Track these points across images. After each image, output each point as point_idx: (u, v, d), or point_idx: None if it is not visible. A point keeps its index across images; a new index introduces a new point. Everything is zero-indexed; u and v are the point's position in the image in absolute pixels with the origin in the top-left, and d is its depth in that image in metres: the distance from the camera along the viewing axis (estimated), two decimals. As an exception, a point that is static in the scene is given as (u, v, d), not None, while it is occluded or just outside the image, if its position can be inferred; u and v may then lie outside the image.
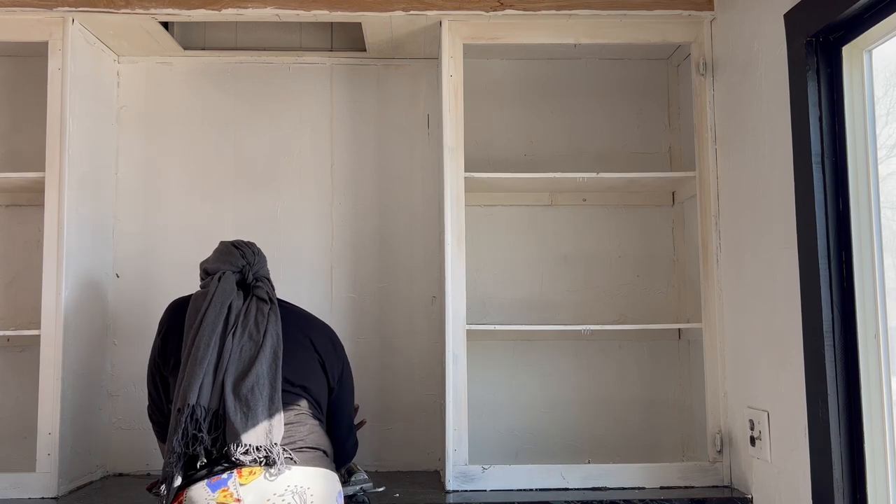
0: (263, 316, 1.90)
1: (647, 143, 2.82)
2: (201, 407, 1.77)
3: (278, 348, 1.88)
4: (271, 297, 1.97)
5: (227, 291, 1.92)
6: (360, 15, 2.45)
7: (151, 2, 2.43)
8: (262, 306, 1.93)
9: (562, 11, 2.46)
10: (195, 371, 1.79)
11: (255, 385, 1.80)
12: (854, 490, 1.81)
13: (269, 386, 1.82)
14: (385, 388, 2.72)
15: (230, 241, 2.09)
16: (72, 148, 2.42)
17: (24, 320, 2.62)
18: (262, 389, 1.81)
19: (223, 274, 1.97)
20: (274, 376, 1.84)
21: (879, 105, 1.84)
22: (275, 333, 1.89)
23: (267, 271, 2.10)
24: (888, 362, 1.78)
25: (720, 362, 2.40)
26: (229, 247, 2.05)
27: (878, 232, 1.80)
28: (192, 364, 1.80)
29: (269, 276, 2.09)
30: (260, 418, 1.77)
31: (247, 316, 1.90)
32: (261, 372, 1.82)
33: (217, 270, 1.99)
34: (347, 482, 2.27)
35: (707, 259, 2.44)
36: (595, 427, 2.72)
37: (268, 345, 1.86)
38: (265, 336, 1.87)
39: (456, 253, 2.41)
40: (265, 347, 1.86)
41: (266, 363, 1.84)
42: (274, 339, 1.88)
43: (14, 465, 2.49)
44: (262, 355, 1.84)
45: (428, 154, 2.78)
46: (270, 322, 1.90)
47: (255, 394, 1.79)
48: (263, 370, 1.83)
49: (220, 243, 2.09)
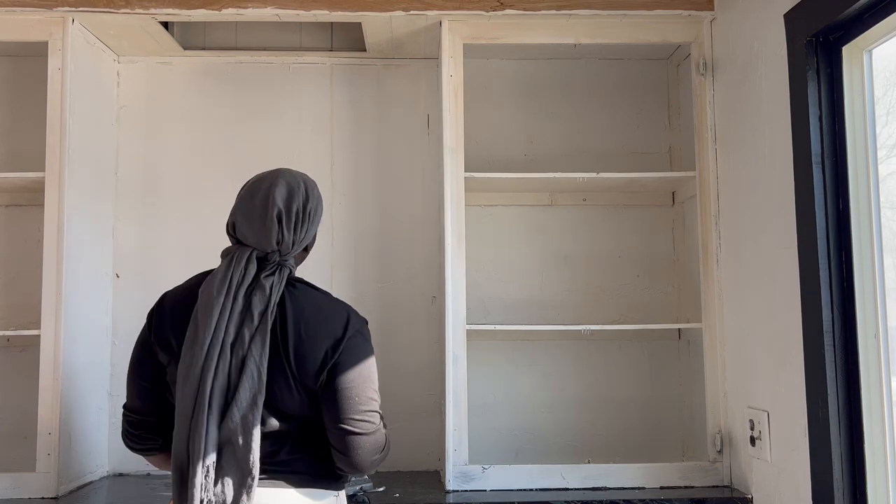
0: (243, 344, 1.58)
1: (647, 143, 2.82)
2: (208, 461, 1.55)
3: (258, 392, 1.57)
4: (266, 310, 1.61)
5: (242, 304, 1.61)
6: (360, 15, 2.45)
7: (151, 2, 2.43)
8: (247, 325, 1.59)
9: (562, 11, 2.46)
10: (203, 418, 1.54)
11: (228, 442, 1.55)
12: (854, 490, 1.81)
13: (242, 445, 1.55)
14: (385, 388, 2.67)
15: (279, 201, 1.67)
16: (72, 148, 2.42)
17: (24, 320, 2.62)
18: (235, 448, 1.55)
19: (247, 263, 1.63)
20: (249, 431, 1.55)
21: (879, 105, 1.84)
22: (255, 369, 1.57)
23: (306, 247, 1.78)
24: (888, 362, 1.78)
25: (720, 362, 2.40)
26: (273, 217, 1.65)
27: (878, 232, 1.80)
28: (200, 407, 1.55)
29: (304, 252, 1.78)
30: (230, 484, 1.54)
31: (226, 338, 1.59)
32: (233, 426, 1.55)
33: (245, 239, 1.67)
34: (347, 482, 2.27)
35: (707, 259, 2.44)
36: (595, 427, 2.72)
37: (244, 387, 1.56)
38: (242, 374, 1.56)
39: (456, 253, 2.41)
40: (241, 392, 1.55)
41: (239, 413, 1.55)
42: (253, 377, 1.56)
43: (14, 465, 2.49)
44: (238, 402, 1.55)
45: (428, 154, 2.78)
46: (252, 352, 1.57)
47: (225, 454, 1.55)
48: (236, 423, 1.55)
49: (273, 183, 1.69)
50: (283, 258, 1.67)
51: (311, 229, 1.74)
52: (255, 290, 1.62)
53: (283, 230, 1.67)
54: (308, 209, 1.71)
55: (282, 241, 1.67)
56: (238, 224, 1.69)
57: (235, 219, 1.70)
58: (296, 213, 1.69)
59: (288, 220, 1.67)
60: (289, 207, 1.68)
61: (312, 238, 1.80)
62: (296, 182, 1.72)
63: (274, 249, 1.66)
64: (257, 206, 1.67)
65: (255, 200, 1.68)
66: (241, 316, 1.60)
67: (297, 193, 1.70)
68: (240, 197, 1.72)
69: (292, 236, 1.68)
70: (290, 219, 1.68)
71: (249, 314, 1.60)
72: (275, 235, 1.66)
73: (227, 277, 1.62)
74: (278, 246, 1.67)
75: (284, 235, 1.67)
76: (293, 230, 1.68)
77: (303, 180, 1.74)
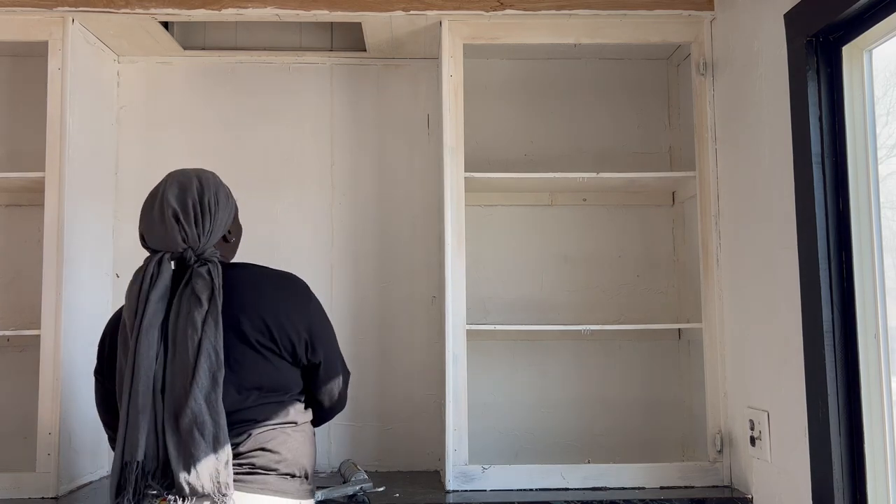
0: (195, 329, 1.60)
1: (647, 143, 2.82)
2: (148, 460, 1.58)
3: (217, 370, 1.60)
4: (213, 292, 1.64)
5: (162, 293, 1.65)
6: (360, 15, 2.45)
7: (151, 2, 2.43)
8: (196, 310, 1.61)
9: (562, 11, 2.46)
10: (138, 421, 1.58)
11: (194, 424, 1.56)
12: (854, 490, 1.81)
13: (210, 423, 1.57)
14: (385, 388, 2.72)
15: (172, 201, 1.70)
16: (72, 148, 2.42)
17: (24, 320, 2.62)
18: (203, 428, 1.57)
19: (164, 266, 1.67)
20: (214, 408, 1.58)
21: (879, 105, 1.84)
22: (211, 349, 1.60)
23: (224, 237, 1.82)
24: (888, 362, 1.78)
25: (720, 362, 2.40)
26: (170, 218, 1.69)
27: (878, 232, 1.80)
28: (133, 411, 1.58)
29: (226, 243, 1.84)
30: (203, 464, 1.55)
31: (176, 328, 1.62)
32: (197, 407, 1.57)
33: (153, 247, 1.72)
34: (347, 482, 2.27)
35: (707, 259, 2.44)
36: (595, 427, 2.72)
37: (202, 368, 1.58)
38: (198, 356, 1.58)
39: (456, 253, 2.41)
40: (199, 373, 1.58)
41: (202, 393, 1.57)
42: (211, 357, 1.59)
43: (14, 465, 2.49)
44: (197, 384, 1.57)
45: (428, 154, 2.78)
46: (206, 334, 1.60)
47: (194, 436, 1.56)
48: (200, 404, 1.57)
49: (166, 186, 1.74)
50: (198, 254, 1.70)
51: (217, 220, 1.75)
52: (194, 279, 1.65)
53: (184, 227, 1.70)
54: (205, 201, 1.73)
55: (187, 237, 1.70)
56: (145, 234, 1.75)
57: (141, 229, 1.76)
58: (192, 207, 1.71)
59: (186, 216, 1.70)
60: (183, 204, 1.71)
61: (229, 227, 1.82)
62: (187, 178, 1.75)
63: (184, 248, 1.70)
64: (155, 211, 1.72)
65: (153, 206, 1.73)
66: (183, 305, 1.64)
67: (190, 189, 1.73)
68: (142, 208, 1.77)
69: (195, 230, 1.71)
70: (189, 214, 1.71)
71: (196, 300, 1.63)
72: (178, 234, 1.69)
73: (139, 279, 1.67)
74: (185, 244, 1.70)
75: (187, 232, 1.70)
76: (193, 224, 1.71)
77: (195, 175, 1.77)
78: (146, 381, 1.59)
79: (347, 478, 2.31)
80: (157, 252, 1.70)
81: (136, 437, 1.57)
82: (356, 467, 2.34)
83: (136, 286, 1.66)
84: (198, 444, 1.56)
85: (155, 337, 1.61)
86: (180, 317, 1.62)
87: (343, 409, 1.94)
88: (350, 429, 2.68)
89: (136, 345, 1.60)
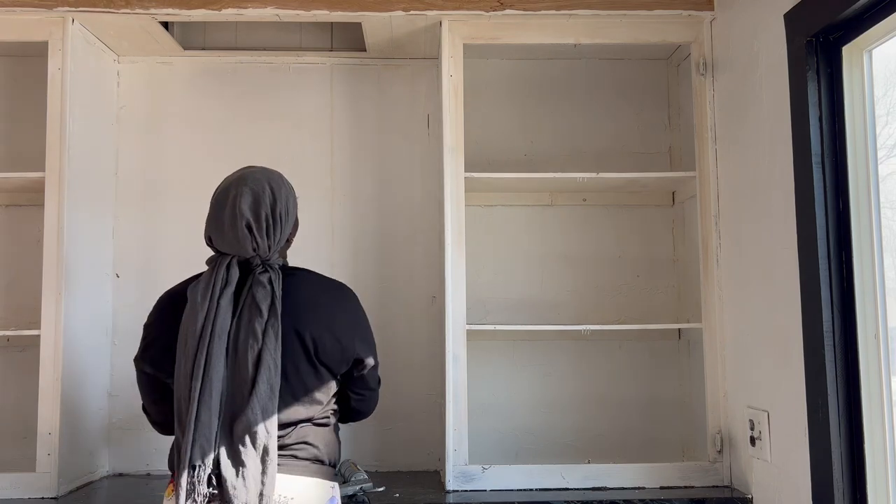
0: (256, 339, 1.64)
1: (647, 143, 2.82)
2: (212, 463, 1.61)
3: (275, 381, 1.64)
4: (273, 302, 1.68)
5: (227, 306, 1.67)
6: (359, 15, 2.45)
7: (151, 2, 2.43)
8: (256, 320, 1.65)
9: (562, 11, 2.46)
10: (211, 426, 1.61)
11: (247, 433, 1.61)
12: (854, 490, 1.81)
13: (263, 433, 1.62)
14: (385, 388, 2.68)
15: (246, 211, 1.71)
16: (72, 148, 2.42)
17: (24, 320, 2.62)
18: (256, 438, 1.61)
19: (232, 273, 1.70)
20: (269, 419, 1.63)
21: (879, 105, 1.84)
22: (271, 361, 1.64)
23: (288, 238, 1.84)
24: (888, 362, 1.78)
25: (720, 362, 2.40)
26: (243, 228, 1.70)
27: (878, 232, 1.80)
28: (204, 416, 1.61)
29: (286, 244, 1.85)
30: (251, 473, 1.61)
31: (238, 338, 1.66)
32: (253, 417, 1.61)
33: (223, 249, 1.74)
34: (347, 482, 2.27)
35: (707, 259, 2.44)
36: (595, 427, 2.72)
37: (262, 379, 1.63)
38: (259, 367, 1.63)
39: (456, 253, 2.41)
40: (258, 384, 1.62)
41: (259, 404, 1.62)
42: (270, 369, 1.64)
43: (14, 465, 2.49)
44: (255, 395, 1.62)
45: (428, 154, 2.78)
46: (266, 345, 1.64)
47: (245, 444, 1.61)
48: (257, 414, 1.61)
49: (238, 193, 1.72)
50: (265, 260, 1.73)
51: (285, 228, 1.79)
52: (255, 287, 1.69)
53: (256, 238, 1.72)
54: (277, 212, 1.75)
55: (258, 247, 1.72)
56: (213, 237, 1.76)
57: (210, 232, 1.77)
58: (265, 219, 1.73)
59: (259, 228, 1.72)
60: (257, 216, 1.72)
61: (293, 228, 1.86)
62: (260, 187, 1.75)
63: (253, 255, 1.72)
64: (226, 218, 1.72)
65: (223, 213, 1.73)
66: (244, 313, 1.67)
67: (263, 199, 1.74)
68: (210, 208, 1.78)
69: (266, 241, 1.73)
70: (261, 226, 1.73)
71: (256, 310, 1.66)
72: (249, 245, 1.72)
73: (210, 282, 1.69)
74: (255, 252, 1.72)
75: (259, 243, 1.72)
76: (266, 236, 1.73)
77: (267, 182, 1.77)
78: (218, 386, 1.63)
79: (347, 478, 2.30)
80: (225, 255, 1.73)
81: (208, 441, 1.61)
82: (356, 467, 2.34)
83: (207, 290, 1.68)
84: (248, 454, 1.61)
85: (224, 344, 1.65)
86: (241, 326, 1.66)
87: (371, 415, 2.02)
88: (350, 429, 2.67)
89: (207, 351, 1.63)
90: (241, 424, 1.61)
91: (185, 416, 1.62)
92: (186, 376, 1.64)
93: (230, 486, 1.59)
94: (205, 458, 1.60)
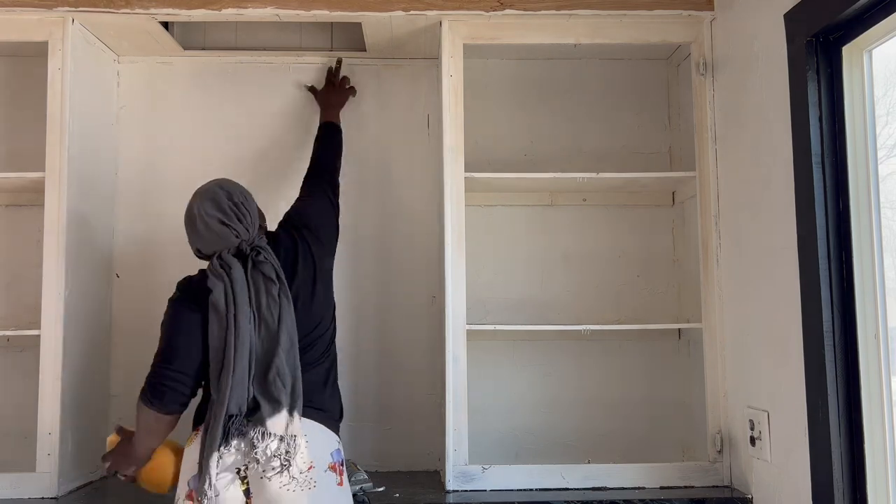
0: (275, 301, 1.95)
1: (647, 143, 2.82)
2: (247, 409, 1.90)
3: (293, 332, 1.95)
4: (278, 273, 1.98)
5: (242, 282, 1.94)
6: (359, 15, 2.45)
7: (151, 2, 2.43)
8: (271, 288, 1.96)
9: (562, 11, 2.46)
10: (244, 380, 1.90)
11: (277, 376, 1.90)
12: (854, 490, 1.81)
13: (289, 376, 1.92)
14: (385, 388, 2.72)
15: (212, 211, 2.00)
16: (72, 148, 2.42)
17: (24, 320, 2.62)
18: (284, 378, 1.91)
19: (227, 259, 1.97)
20: (293, 365, 1.93)
21: (879, 105, 1.84)
22: (289, 318, 1.95)
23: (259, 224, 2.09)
24: (888, 362, 1.78)
25: (720, 362, 2.40)
26: (217, 224, 2.00)
27: (878, 232, 1.80)
28: (239, 372, 1.90)
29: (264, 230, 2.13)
30: (282, 409, 1.89)
31: (259, 303, 1.94)
32: (280, 363, 1.91)
33: (213, 252, 2.00)
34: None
35: (707, 259, 2.44)
36: (595, 427, 2.72)
37: (283, 334, 1.93)
38: (279, 325, 1.94)
39: (456, 253, 2.41)
40: (281, 338, 1.93)
41: (284, 354, 1.92)
42: (289, 324, 1.95)
43: (14, 465, 2.49)
44: (280, 347, 1.92)
45: (428, 154, 2.78)
46: (284, 307, 1.95)
47: (276, 387, 1.90)
48: (282, 360, 1.91)
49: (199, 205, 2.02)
50: (251, 244, 2.01)
51: (251, 211, 2.05)
52: (259, 265, 1.98)
53: (233, 227, 2.00)
54: (236, 200, 2.02)
55: (238, 233, 2.00)
56: (200, 247, 2.04)
57: (195, 245, 2.04)
58: (230, 209, 2.01)
59: (229, 218, 2.00)
60: (222, 210, 2.00)
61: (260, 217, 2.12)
62: (211, 191, 2.03)
63: (238, 241, 2.00)
64: (200, 228, 2.01)
65: (196, 225, 2.01)
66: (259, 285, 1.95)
67: (220, 197, 2.02)
68: (186, 228, 2.05)
69: (242, 225, 2.01)
70: (230, 216, 2.00)
71: (267, 280, 1.96)
72: (231, 235, 2.00)
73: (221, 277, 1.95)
74: (238, 238, 2.00)
75: (238, 230, 2.00)
76: (239, 220, 2.01)
77: (216, 185, 2.05)
78: (246, 348, 1.90)
79: (347, 477, 2.30)
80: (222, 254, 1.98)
81: (243, 393, 1.89)
82: (356, 467, 2.33)
83: (221, 282, 1.93)
84: (280, 391, 1.89)
85: (248, 313, 1.92)
86: (260, 294, 1.94)
87: None
88: (350, 429, 2.67)
89: (236, 321, 1.90)
90: (273, 371, 1.90)
91: (222, 374, 1.88)
92: (221, 340, 1.91)
93: (267, 421, 1.87)
94: (241, 407, 1.88)
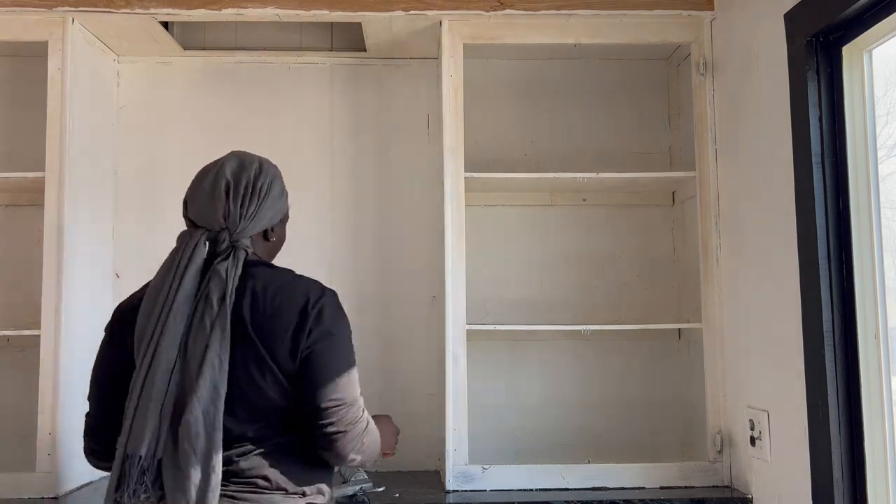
0: (204, 333, 1.50)
1: (647, 143, 2.82)
2: (147, 458, 1.47)
3: (220, 381, 1.48)
4: (224, 296, 1.53)
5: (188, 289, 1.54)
6: (359, 15, 2.45)
7: (151, 2, 2.43)
8: (207, 313, 1.51)
9: (562, 11, 2.46)
10: (147, 414, 1.47)
11: (188, 437, 1.46)
12: (854, 490, 1.81)
13: (204, 437, 1.46)
14: (385, 388, 2.72)
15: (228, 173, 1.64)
16: (72, 148, 2.41)
17: (24, 320, 2.61)
18: (196, 442, 1.46)
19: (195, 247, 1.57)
20: (211, 423, 1.47)
21: (879, 105, 1.84)
22: (216, 359, 1.48)
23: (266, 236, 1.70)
24: (888, 362, 1.78)
25: (720, 362, 2.40)
26: (220, 190, 1.62)
27: (878, 232, 1.80)
28: (145, 399, 1.47)
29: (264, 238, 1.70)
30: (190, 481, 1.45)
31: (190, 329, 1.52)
32: (193, 419, 1.46)
33: (195, 217, 1.64)
34: (347, 482, 2.27)
35: (707, 259, 2.44)
36: (595, 427, 2.72)
37: (205, 378, 1.47)
38: (202, 364, 1.48)
39: (456, 253, 2.41)
40: (202, 383, 1.47)
41: (201, 405, 1.47)
42: (215, 367, 1.48)
43: (14, 465, 2.49)
44: (198, 394, 1.47)
45: (428, 154, 2.78)
46: (212, 341, 1.49)
47: (184, 449, 1.46)
48: (198, 415, 1.46)
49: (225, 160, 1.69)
50: (234, 239, 1.61)
51: (264, 207, 1.66)
52: (211, 276, 1.55)
53: (230, 203, 1.62)
54: (259, 184, 1.65)
55: (228, 215, 1.61)
56: (189, 202, 1.68)
57: (188, 196, 1.68)
58: (245, 185, 1.64)
59: (236, 192, 1.62)
60: (237, 179, 1.64)
61: (273, 225, 1.72)
62: (249, 158, 1.70)
63: (223, 227, 1.61)
64: (207, 180, 1.66)
65: (206, 175, 1.67)
66: (199, 304, 1.53)
67: (249, 168, 1.67)
68: (195, 178, 1.70)
69: (239, 210, 1.62)
70: (238, 192, 1.63)
71: (207, 301, 1.52)
72: (221, 208, 1.61)
73: (174, 261, 1.58)
74: (225, 221, 1.61)
75: (231, 209, 1.61)
76: (240, 204, 1.62)
77: (259, 159, 1.71)
78: (163, 376, 1.48)
79: (347, 478, 2.30)
80: (197, 230, 1.62)
81: (143, 430, 1.47)
82: (356, 467, 2.34)
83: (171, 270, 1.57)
84: (188, 460, 1.46)
85: (180, 331, 1.51)
86: (195, 317, 1.52)
87: None
88: (350, 429, 2.68)
89: (160, 335, 1.50)
90: (182, 427, 1.47)
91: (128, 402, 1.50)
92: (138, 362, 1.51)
93: (169, 494, 1.47)
94: (137, 449, 1.46)
